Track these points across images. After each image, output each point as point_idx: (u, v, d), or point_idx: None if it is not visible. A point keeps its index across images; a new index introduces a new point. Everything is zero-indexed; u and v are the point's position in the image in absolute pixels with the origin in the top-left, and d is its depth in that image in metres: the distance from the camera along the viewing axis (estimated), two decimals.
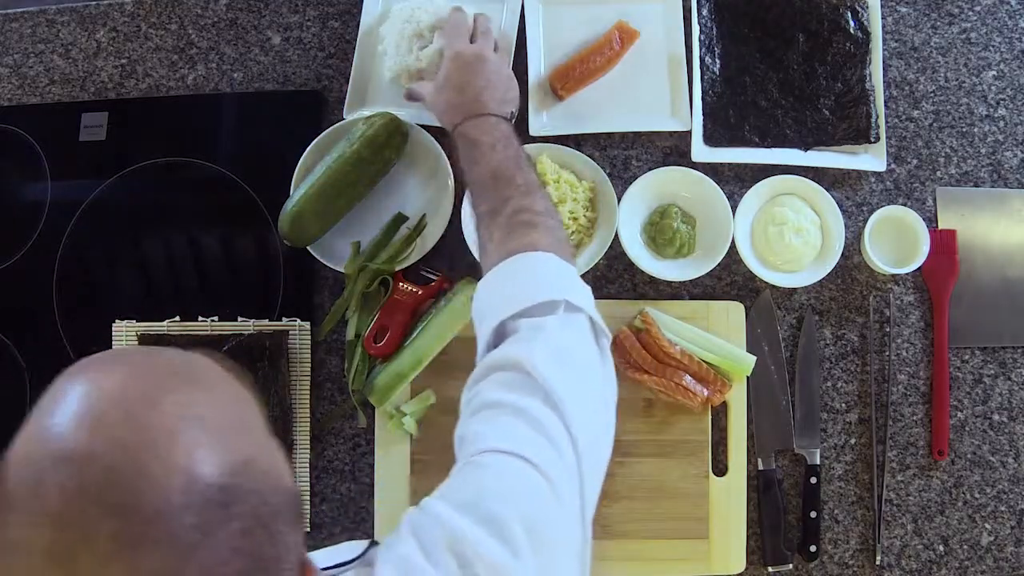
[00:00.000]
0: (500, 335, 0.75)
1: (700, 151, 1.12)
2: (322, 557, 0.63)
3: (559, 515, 0.64)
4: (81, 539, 0.44)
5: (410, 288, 1.10)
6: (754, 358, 1.06)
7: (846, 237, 1.08)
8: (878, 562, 1.05)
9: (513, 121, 0.99)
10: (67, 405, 0.48)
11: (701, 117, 1.13)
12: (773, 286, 1.09)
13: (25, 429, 0.49)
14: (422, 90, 1.04)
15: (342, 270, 1.11)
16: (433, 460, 1.07)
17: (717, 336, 1.07)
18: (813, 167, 1.12)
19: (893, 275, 1.10)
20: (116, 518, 0.44)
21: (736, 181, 1.13)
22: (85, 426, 0.46)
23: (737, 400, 1.07)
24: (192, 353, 0.55)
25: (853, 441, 1.07)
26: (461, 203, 1.10)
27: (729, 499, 1.05)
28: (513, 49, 1.16)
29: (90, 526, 0.44)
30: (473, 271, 1.10)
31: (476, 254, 1.06)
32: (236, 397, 0.54)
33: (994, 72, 1.15)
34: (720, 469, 1.06)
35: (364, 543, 0.65)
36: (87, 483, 0.45)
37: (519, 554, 0.59)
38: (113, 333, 1.13)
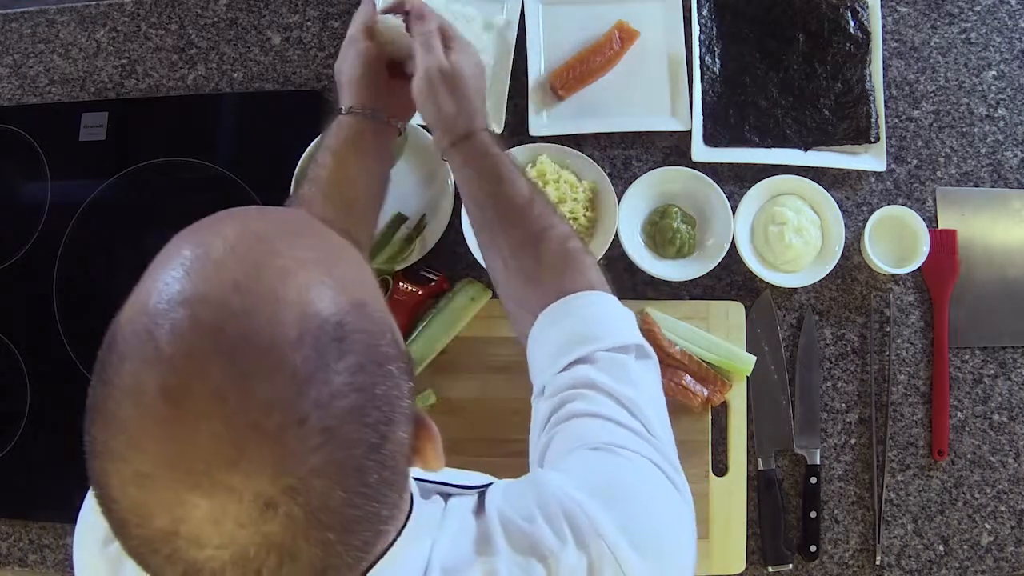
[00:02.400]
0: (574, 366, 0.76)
1: (700, 151, 1.12)
2: (447, 473, 0.64)
3: (689, 524, 0.66)
4: (195, 374, 0.44)
5: (410, 288, 1.10)
6: (754, 358, 1.06)
7: (846, 237, 1.08)
8: (878, 562, 1.05)
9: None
10: (180, 257, 0.48)
11: (701, 117, 1.13)
12: (773, 286, 1.09)
13: (138, 287, 0.49)
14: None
15: None
16: None
17: (717, 336, 1.07)
18: (813, 167, 1.12)
19: (893, 275, 1.10)
20: (229, 352, 0.44)
21: (736, 181, 1.13)
22: (198, 271, 0.46)
23: (737, 400, 1.07)
24: (303, 212, 0.56)
25: (853, 441, 1.08)
26: (461, 203, 1.10)
27: (729, 499, 1.05)
28: (513, 49, 1.16)
29: (204, 361, 0.44)
30: (473, 271, 1.10)
31: (480, 258, 1.06)
32: (349, 251, 0.54)
33: (994, 72, 1.15)
34: (720, 469, 1.06)
35: (485, 478, 0.66)
36: (199, 321, 0.44)
37: (643, 553, 0.60)
38: None
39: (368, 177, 0.91)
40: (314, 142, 1.12)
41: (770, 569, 1.04)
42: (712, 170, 1.11)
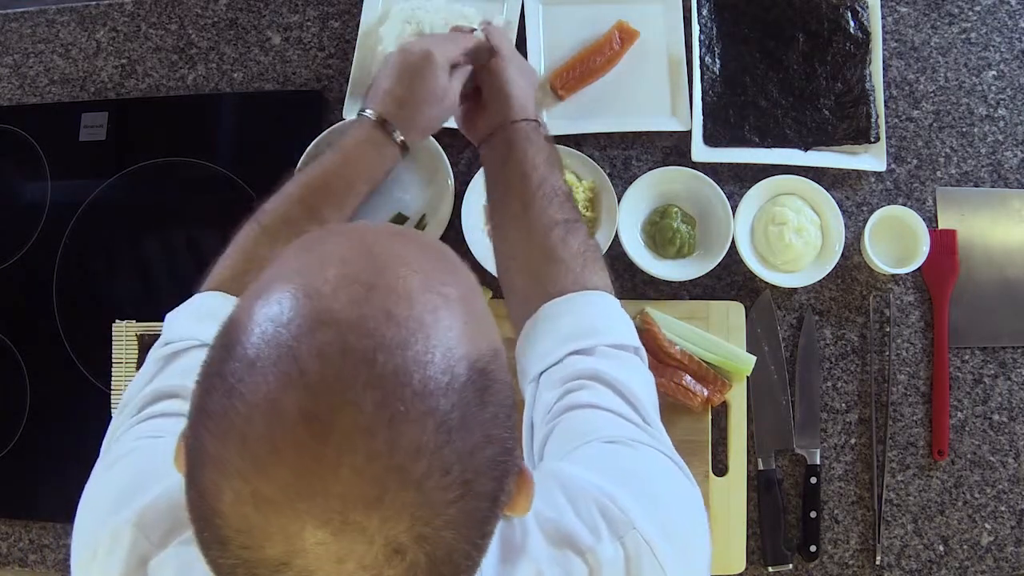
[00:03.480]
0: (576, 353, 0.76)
1: (700, 151, 1.12)
2: None
3: (704, 512, 0.67)
4: (342, 406, 0.41)
5: None
6: (754, 358, 1.06)
7: (846, 237, 1.08)
8: (878, 562, 1.05)
9: None
10: (319, 267, 0.45)
11: (701, 117, 1.13)
12: (773, 286, 1.09)
13: (265, 286, 0.46)
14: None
15: None
16: None
17: (717, 336, 1.07)
18: (813, 167, 1.12)
19: (893, 275, 1.10)
20: (382, 389, 0.42)
21: (736, 181, 1.13)
22: (346, 290, 0.44)
23: (737, 400, 1.07)
24: (441, 243, 0.55)
25: (853, 441, 1.08)
26: (461, 203, 1.10)
27: (729, 499, 1.05)
28: (514, 43, 1.16)
29: (353, 394, 0.41)
30: (473, 271, 1.10)
31: (483, 259, 1.06)
32: (479, 287, 0.52)
33: (994, 72, 1.15)
34: (720, 469, 1.06)
35: None
36: (351, 349, 0.42)
37: (674, 543, 0.60)
38: (113, 333, 1.13)
39: (363, 189, 0.92)
40: (314, 141, 1.13)
41: (770, 569, 1.04)
42: (712, 170, 1.11)
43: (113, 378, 1.12)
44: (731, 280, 1.12)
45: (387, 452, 0.41)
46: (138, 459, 0.65)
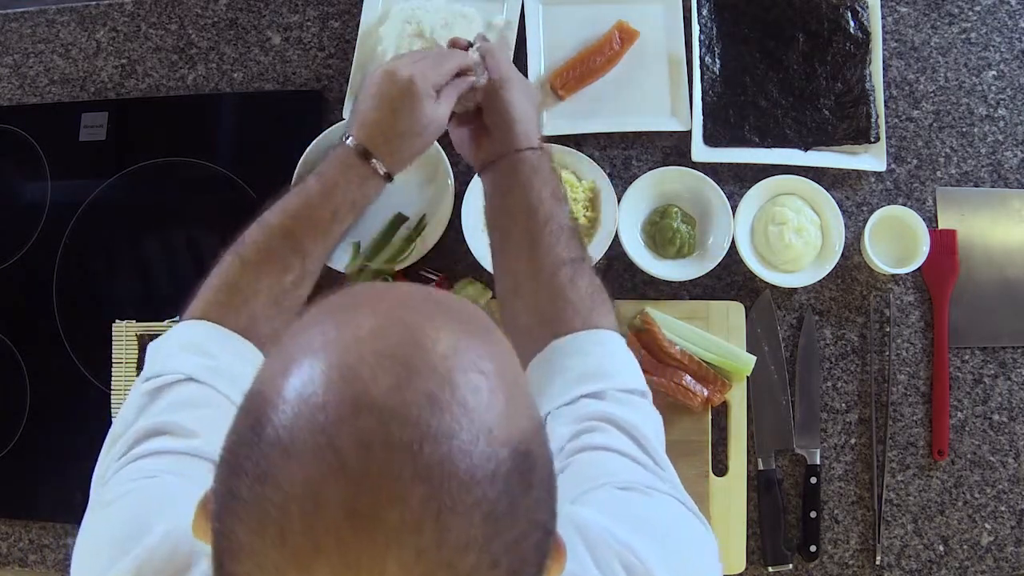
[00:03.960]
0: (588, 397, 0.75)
1: (700, 151, 1.12)
2: None
3: (719, 560, 0.66)
4: (389, 501, 0.39)
5: None
6: (754, 358, 1.06)
7: (846, 237, 1.08)
8: (878, 562, 1.05)
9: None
10: (351, 344, 0.43)
11: (701, 117, 1.13)
12: (773, 286, 1.09)
13: (290, 358, 0.43)
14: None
15: (342, 270, 1.11)
16: None
17: (717, 336, 1.07)
18: (813, 167, 1.12)
19: (893, 275, 1.10)
20: (428, 482, 0.39)
21: (736, 181, 1.13)
22: (386, 371, 0.41)
23: (737, 400, 1.07)
24: (473, 305, 0.51)
25: (853, 441, 1.07)
26: (461, 203, 1.10)
27: (729, 499, 1.05)
28: (513, 49, 1.16)
29: (399, 488, 0.39)
30: (473, 271, 1.10)
31: (483, 259, 1.06)
32: (513, 352, 0.49)
33: (994, 72, 1.15)
34: (720, 469, 1.06)
35: None
36: (395, 440, 0.40)
37: None
38: (113, 333, 1.13)
39: (346, 220, 0.86)
40: (314, 141, 1.13)
41: (770, 569, 1.04)
42: (712, 170, 1.11)
43: (113, 378, 1.12)
44: (731, 280, 1.12)
45: (435, 548, 0.39)
46: (133, 503, 0.63)
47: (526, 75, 1.15)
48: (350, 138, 0.85)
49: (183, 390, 0.71)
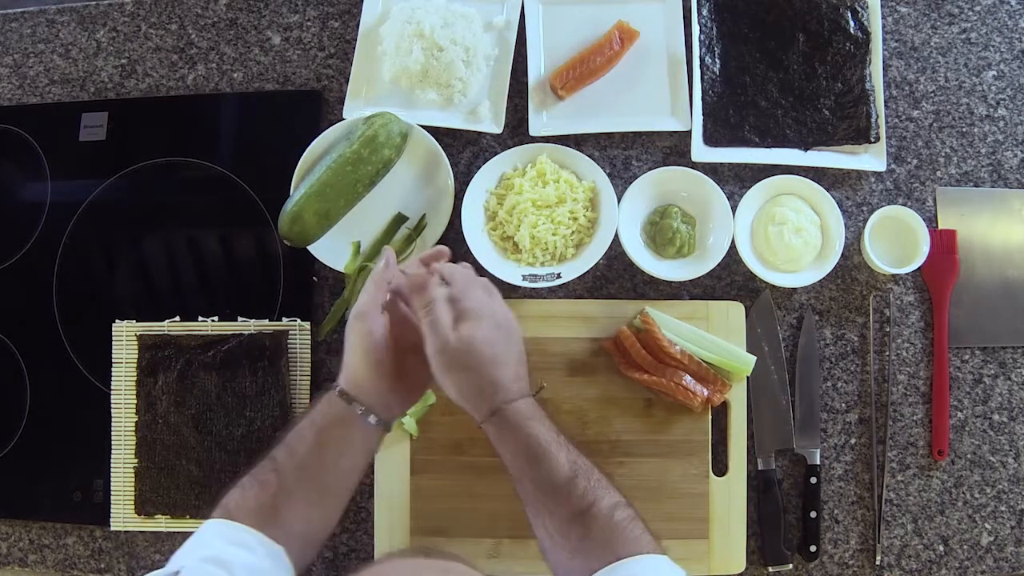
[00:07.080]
0: None
1: (700, 151, 1.13)
2: None
3: None
4: None
5: None
6: (754, 358, 1.06)
7: (846, 237, 1.08)
8: (878, 562, 1.05)
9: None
10: None
11: (701, 117, 1.13)
12: (773, 286, 1.09)
13: None
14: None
15: (342, 270, 1.11)
16: (433, 460, 1.07)
17: (717, 336, 1.07)
18: (813, 167, 1.12)
19: (893, 275, 1.10)
20: None
21: (736, 181, 1.13)
22: None
23: (737, 400, 1.07)
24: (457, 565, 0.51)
25: (853, 441, 1.08)
26: (461, 203, 1.10)
27: (729, 499, 1.05)
28: (513, 49, 1.16)
29: None
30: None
31: (483, 258, 1.06)
32: None
33: (994, 72, 1.15)
34: (720, 469, 1.06)
35: None
36: None
37: None
38: (113, 333, 1.13)
39: (345, 470, 0.84)
40: (315, 141, 1.13)
41: (770, 569, 1.04)
42: (712, 170, 1.11)
43: (113, 378, 1.12)
44: (731, 280, 1.12)
45: None
46: None
47: (526, 75, 1.15)
48: (338, 387, 0.84)
49: None
